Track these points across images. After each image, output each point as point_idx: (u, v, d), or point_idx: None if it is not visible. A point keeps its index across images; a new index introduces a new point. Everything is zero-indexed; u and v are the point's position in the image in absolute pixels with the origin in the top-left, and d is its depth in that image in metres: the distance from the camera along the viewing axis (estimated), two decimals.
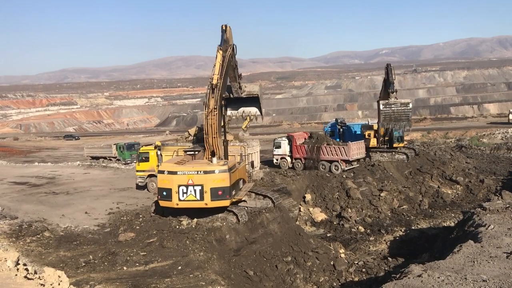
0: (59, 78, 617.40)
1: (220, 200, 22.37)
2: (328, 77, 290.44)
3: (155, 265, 18.52)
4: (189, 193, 22.41)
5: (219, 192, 22.18)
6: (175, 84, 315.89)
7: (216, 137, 23.92)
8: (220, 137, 24.75)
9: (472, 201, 36.13)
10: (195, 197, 22.37)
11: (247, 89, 27.58)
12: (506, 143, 56.53)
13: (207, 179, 22.12)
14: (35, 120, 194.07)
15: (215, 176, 22.15)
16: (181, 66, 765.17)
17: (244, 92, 27.22)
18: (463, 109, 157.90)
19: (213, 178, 22.12)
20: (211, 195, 22.19)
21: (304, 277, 22.02)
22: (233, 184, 22.93)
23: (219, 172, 22.21)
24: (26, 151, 78.74)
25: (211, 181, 22.10)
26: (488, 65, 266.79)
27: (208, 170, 22.33)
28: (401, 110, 38.71)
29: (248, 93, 27.31)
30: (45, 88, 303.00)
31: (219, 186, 22.16)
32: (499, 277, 12.97)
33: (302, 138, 40.90)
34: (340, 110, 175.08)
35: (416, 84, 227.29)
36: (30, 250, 20.41)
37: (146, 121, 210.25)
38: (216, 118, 23.88)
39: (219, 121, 24.26)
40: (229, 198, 22.46)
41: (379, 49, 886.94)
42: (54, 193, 33.34)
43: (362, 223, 31.69)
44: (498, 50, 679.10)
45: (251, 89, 27.79)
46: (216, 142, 23.97)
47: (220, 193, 22.20)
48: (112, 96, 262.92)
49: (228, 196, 22.36)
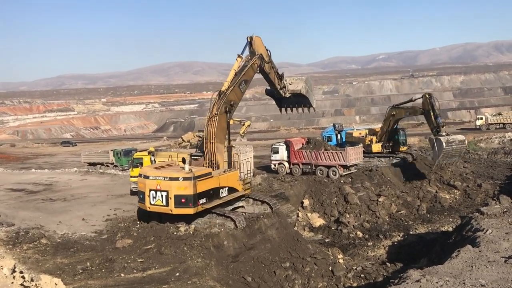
0: (56, 85, 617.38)
1: (184, 207, 22.08)
2: (325, 82, 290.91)
3: (153, 271, 18.43)
4: (157, 198, 22.51)
5: (182, 200, 21.95)
6: (173, 90, 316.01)
7: (213, 143, 23.88)
8: (221, 143, 24.59)
9: (470, 205, 36.15)
10: (162, 203, 22.40)
11: (291, 87, 27.65)
12: (503, 147, 56.65)
13: (172, 185, 22.06)
14: (32, 126, 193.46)
15: (179, 184, 21.99)
16: (178, 72, 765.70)
17: (288, 91, 27.14)
18: (460, 113, 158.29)
19: (177, 185, 21.98)
20: (175, 202, 22.05)
21: (303, 283, 21.95)
22: (202, 193, 22.32)
23: (183, 179, 21.98)
24: (23, 157, 78.49)
25: (175, 188, 21.98)
26: (485, 70, 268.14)
27: (173, 176, 22.21)
28: (459, 147, 38.83)
29: (292, 91, 27.41)
30: (42, 95, 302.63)
31: (182, 193, 21.92)
32: (498, 281, 12.96)
33: (300, 144, 40.89)
34: (338, 116, 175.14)
35: (413, 89, 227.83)
36: (27, 257, 20.27)
37: (144, 127, 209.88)
38: (215, 124, 23.89)
39: (219, 127, 24.18)
40: (192, 206, 21.98)
41: (376, 54, 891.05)
42: (51, 199, 33.19)
43: (360, 228, 31.66)
44: (495, 55, 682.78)
45: (295, 87, 27.77)
46: (213, 147, 23.94)
47: (183, 200, 21.95)
48: (109, 102, 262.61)
49: (191, 204, 21.93)
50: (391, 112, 43.62)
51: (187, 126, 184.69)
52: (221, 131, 24.64)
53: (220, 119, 24.36)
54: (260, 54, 25.43)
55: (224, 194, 24.21)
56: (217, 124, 24.13)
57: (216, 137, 24.16)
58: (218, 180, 23.63)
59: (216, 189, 23.55)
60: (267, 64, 26.11)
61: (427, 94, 40.61)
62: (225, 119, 24.67)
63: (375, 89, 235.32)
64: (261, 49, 25.75)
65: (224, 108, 24.34)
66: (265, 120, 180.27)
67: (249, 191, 26.37)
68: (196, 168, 23.85)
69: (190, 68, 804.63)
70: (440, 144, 36.74)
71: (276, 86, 26.61)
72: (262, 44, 26.14)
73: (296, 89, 27.45)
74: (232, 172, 24.88)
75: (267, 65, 26.12)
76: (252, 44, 25.14)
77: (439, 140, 36.95)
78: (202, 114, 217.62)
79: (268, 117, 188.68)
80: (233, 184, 24.81)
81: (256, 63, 25.33)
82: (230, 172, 24.78)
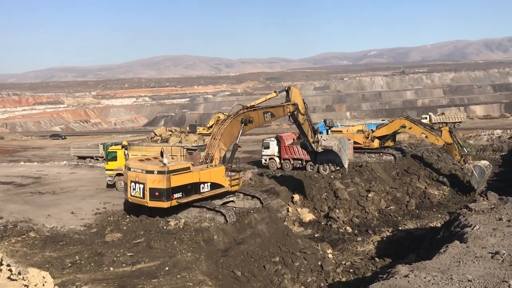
0: (46, 77, 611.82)
1: (158, 201, 22.13)
2: (316, 78, 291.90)
3: (142, 265, 18.39)
4: (136, 190, 22.72)
5: (156, 193, 22.00)
6: (163, 84, 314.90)
7: (216, 140, 24.27)
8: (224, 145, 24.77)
9: (458, 202, 36.54)
10: (140, 195, 22.59)
11: (324, 143, 28.24)
12: (492, 144, 57.25)
13: (147, 178, 22.14)
14: (21, 119, 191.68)
15: (153, 177, 22.03)
16: (169, 66, 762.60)
17: (321, 146, 27.94)
18: (450, 110, 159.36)
19: (152, 179, 22.04)
20: (149, 195, 22.17)
21: (292, 277, 22.02)
22: (177, 187, 22.22)
23: (157, 173, 22.00)
24: (11, 150, 77.79)
25: (151, 181, 22.05)
26: (475, 67, 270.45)
27: (149, 169, 22.28)
28: (490, 171, 39.86)
29: (324, 147, 28.05)
30: (32, 87, 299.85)
31: (156, 187, 21.95)
32: (484, 277, 13.11)
33: (290, 139, 40.97)
34: (329, 111, 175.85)
35: (404, 85, 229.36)
36: (15, 250, 20.12)
37: (134, 121, 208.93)
38: (226, 126, 24.48)
39: (228, 131, 24.63)
40: (165, 200, 21.97)
41: (367, 50, 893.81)
42: (40, 193, 32.94)
43: (349, 224, 31.82)
44: (485, 53, 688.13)
45: (328, 143, 28.31)
46: (215, 144, 24.26)
47: (157, 194, 21.99)
48: (99, 96, 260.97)
49: (164, 198, 21.92)
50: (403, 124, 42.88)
51: (178, 120, 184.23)
52: (229, 135, 24.86)
53: (233, 124, 24.74)
54: (296, 103, 26.31)
55: (206, 190, 23.91)
56: (228, 127, 24.55)
57: (222, 137, 24.45)
58: (198, 175, 23.40)
59: (196, 184, 23.34)
60: (301, 115, 26.84)
61: (448, 128, 40.66)
62: (237, 127, 24.86)
63: (366, 86, 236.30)
64: (298, 99, 26.71)
65: (241, 118, 24.83)
66: None
67: (238, 188, 26.01)
68: (174, 162, 23.87)
69: (181, 61, 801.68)
70: (482, 171, 37.69)
71: (309, 139, 27.50)
72: (300, 95, 27.22)
73: (328, 145, 28.08)
74: (216, 168, 24.37)
75: (301, 116, 26.86)
76: (289, 93, 26.35)
77: (480, 167, 37.78)
78: (193, 108, 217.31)
79: None
80: (216, 179, 24.40)
81: (289, 107, 26.20)
82: (214, 167, 24.31)
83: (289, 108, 26.19)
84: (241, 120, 24.84)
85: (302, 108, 26.89)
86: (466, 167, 38.39)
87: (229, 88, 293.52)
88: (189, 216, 23.65)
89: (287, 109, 26.29)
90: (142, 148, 31.58)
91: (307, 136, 27.47)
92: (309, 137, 27.55)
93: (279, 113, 26.32)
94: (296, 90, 27.12)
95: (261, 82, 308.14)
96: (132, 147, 32.17)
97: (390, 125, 44.86)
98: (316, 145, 28.00)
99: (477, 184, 37.85)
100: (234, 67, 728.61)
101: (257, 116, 25.52)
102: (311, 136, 27.60)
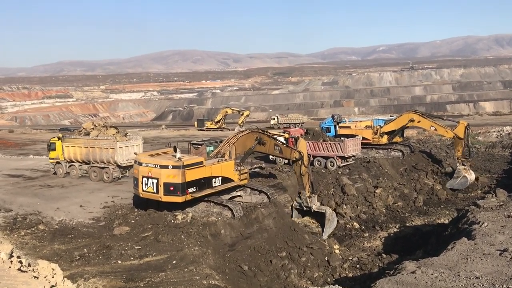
0: (55, 71, 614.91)
1: (172, 195, 22.20)
2: (325, 73, 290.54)
3: (150, 259, 18.53)
4: (149, 185, 22.71)
5: (170, 188, 22.06)
6: (172, 78, 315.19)
7: (231, 144, 25.60)
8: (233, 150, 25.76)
9: (466, 198, 36.29)
10: (153, 190, 22.59)
11: (319, 206, 28.70)
12: (501, 141, 56.71)
13: (161, 173, 22.20)
14: (31, 112, 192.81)
15: (168, 172, 22.08)
16: (178, 60, 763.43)
17: (315, 206, 28.34)
18: (459, 107, 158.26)
19: (166, 173, 22.09)
20: (164, 190, 22.20)
21: (299, 272, 22.07)
22: (191, 182, 22.38)
23: (172, 167, 22.06)
24: (21, 143, 78.33)
25: (165, 176, 22.11)
26: (485, 63, 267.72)
27: (163, 164, 22.34)
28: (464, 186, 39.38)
29: (318, 209, 28.36)
30: (41, 81, 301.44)
31: (171, 181, 22.02)
32: (492, 274, 13.06)
33: (298, 134, 40.85)
34: (337, 107, 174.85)
35: (413, 81, 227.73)
36: (24, 243, 20.35)
37: (142, 115, 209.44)
38: (244, 136, 26.26)
39: (243, 142, 26.15)
40: (180, 194, 22.08)
41: (376, 45, 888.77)
42: (49, 186, 33.21)
43: (356, 220, 31.77)
44: (495, 49, 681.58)
45: (322, 207, 28.72)
46: (228, 145, 25.58)
47: (171, 188, 22.06)
48: (108, 90, 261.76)
49: (179, 192, 22.03)
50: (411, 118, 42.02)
51: (186, 115, 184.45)
52: (242, 145, 26.19)
53: (249, 136, 26.38)
54: (302, 153, 26.91)
55: (217, 184, 24.16)
56: (244, 137, 26.28)
57: (236, 143, 25.78)
58: (210, 169, 23.61)
59: (208, 179, 23.54)
60: (304, 167, 27.20)
61: (466, 123, 39.94)
62: (251, 141, 26.25)
63: (375, 81, 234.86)
64: (304, 150, 27.36)
65: (256, 136, 26.27)
66: (264, 110, 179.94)
67: (246, 181, 26.31)
68: (187, 156, 23.91)
69: (190, 56, 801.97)
70: (463, 184, 38.01)
71: (306, 192, 27.96)
72: (305, 147, 28.27)
73: (322, 209, 28.43)
74: (226, 162, 24.76)
75: (304, 168, 27.24)
76: (298, 143, 27.58)
77: (466, 180, 37.93)
78: (201, 103, 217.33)
79: (267, 107, 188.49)
80: (227, 174, 24.75)
81: (295, 153, 26.75)
82: (224, 162, 24.69)
83: (295, 154, 26.75)
84: (256, 138, 26.18)
85: (306, 160, 27.37)
86: (459, 168, 38.42)
87: (237, 83, 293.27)
88: (197, 211, 23.78)
89: (293, 154, 26.84)
90: (71, 140, 35.16)
91: (305, 189, 27.93)
92: (307, 191, 27.99)
93: (286, 153, 27.16)
94: (303, 142, 28.06)
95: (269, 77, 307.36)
96: (65, 139, 35.64)
97: (398, 120, 44.43)
98: (312, 204, 28.30)
99: (450, 186, 38.35)
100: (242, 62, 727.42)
101: (269, 143, 26.66)
102: (308, 191, 28.03)
